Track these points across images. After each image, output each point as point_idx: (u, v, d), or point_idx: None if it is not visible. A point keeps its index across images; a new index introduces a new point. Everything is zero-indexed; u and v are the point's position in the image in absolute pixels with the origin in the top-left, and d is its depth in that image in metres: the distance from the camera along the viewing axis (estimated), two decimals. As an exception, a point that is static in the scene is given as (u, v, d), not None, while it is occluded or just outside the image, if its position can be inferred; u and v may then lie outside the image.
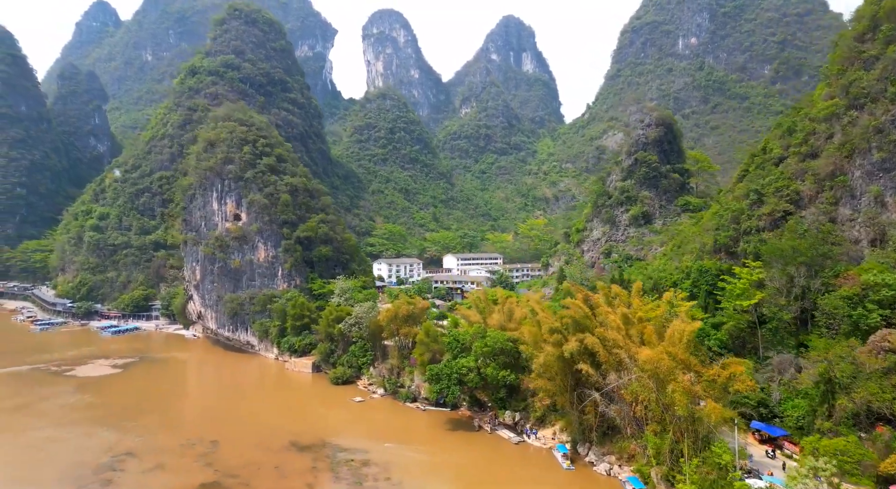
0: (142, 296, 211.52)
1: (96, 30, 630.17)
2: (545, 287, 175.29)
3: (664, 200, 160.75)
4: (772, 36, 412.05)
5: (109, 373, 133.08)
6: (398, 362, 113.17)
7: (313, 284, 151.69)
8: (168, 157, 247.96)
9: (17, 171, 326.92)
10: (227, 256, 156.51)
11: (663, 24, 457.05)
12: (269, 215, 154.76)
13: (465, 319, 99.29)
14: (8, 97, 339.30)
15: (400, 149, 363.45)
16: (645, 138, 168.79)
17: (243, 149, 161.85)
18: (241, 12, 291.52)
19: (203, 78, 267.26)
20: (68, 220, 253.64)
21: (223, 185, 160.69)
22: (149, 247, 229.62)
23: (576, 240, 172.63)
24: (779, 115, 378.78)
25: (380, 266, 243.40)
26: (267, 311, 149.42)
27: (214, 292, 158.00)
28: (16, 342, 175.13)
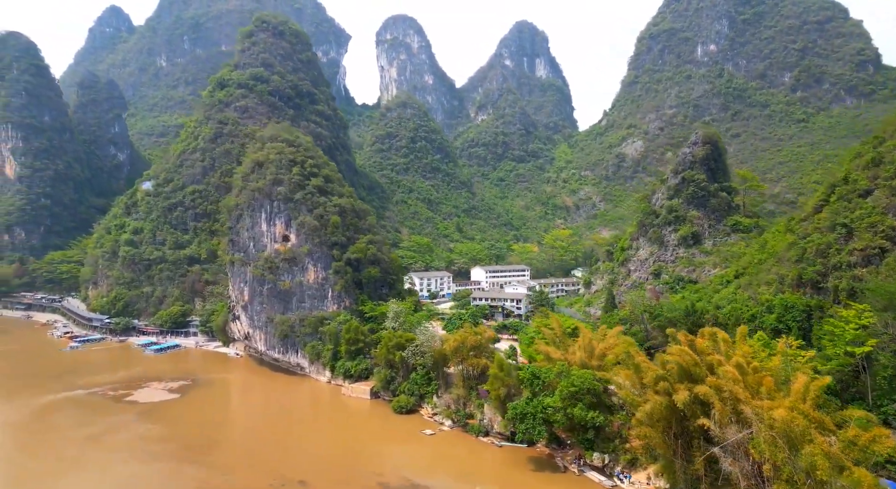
0: (179, 312, 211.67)
1: (109, 35, 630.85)
2: (589, 306, 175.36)
3: (713, 220, 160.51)
4: (792, 43, 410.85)
5: (168, 399, 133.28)
6: (464, 392, 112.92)
7: (364, 307, 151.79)
8: (200, 170, 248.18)
9: (42, 181, 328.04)
10: (276, 278, 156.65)
11: (681, 31, 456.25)
12: (319, 237, 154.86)
13: (544, 355, 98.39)
14: (32, 107, 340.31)
15: (421, 158, 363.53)
16: (692, 156, 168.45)
17: (292, 170, 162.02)
18: (268, 24, 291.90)
19: (232, 91, 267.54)
20: (100, 233, 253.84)
21: (272, 206, 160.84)
22: (183, 261, 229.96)
23: (620, 258, 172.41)
24: (801, 124, 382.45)
25: (410, 279, 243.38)
26: (318, 334, 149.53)
27: (264, 314, 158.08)
28: (61, 362, 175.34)
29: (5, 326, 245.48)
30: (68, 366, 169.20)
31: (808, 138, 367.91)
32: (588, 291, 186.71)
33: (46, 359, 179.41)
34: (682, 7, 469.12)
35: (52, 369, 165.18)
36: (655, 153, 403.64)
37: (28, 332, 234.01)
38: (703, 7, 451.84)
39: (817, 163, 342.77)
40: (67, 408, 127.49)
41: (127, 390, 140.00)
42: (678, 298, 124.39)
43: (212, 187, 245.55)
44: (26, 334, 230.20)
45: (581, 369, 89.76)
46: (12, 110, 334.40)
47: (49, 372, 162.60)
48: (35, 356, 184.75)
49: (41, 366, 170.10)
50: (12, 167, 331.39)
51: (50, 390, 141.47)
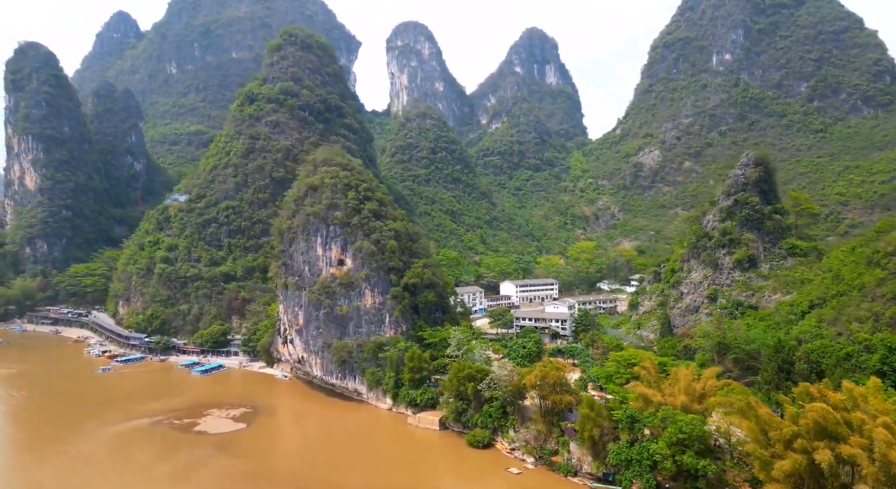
0: (220, 331, 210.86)
1: (117, 41, 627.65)
2: (640, 329, 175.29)
3: (767, 243, 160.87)
4: (808, 53, 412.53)
5: (236, 429, 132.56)
6: (544, 428, 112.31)
7: (423, 332, 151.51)
8: (233, 186, 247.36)
9: (63, 193, 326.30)
10: (333, 303, 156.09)
11: (696, 40, 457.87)
12: (376, 262, 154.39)
13: (640, 397, 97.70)
14: (52, 119, 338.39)
15: (442, 168, 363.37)
16: (744, 178, 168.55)
17: (347, 194, 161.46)
18: (296, 37, 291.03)
19: (262, 105, 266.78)
20: (132, 249, 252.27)
21: (328, 230, 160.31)
22: (219, 279, 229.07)
23: (671, 280, 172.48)
24: (819, 134, 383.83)
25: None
26: (377, 360, 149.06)
27: (320, 339, 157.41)
28: (111, 384, 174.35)
29: (37, 343, 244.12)
30: (120, 389, 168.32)
31: (826, 148, 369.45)
32: (636, 312, 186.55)
33: (95, 381, 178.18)
34: (697, 16, 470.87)
35: (105, 393, 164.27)
36: (673, 163, 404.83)
37: (62, 350, 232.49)
38: (717, 16, 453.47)
39: (838, 174, 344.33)
40: (139, 439, 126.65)
41: (191, 419, 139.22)
42: (757, 330, 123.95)
43: (245, 203, 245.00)
44: (61, 352, 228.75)
45: (684, 413, 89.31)
46: (32, 121, 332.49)
47: (102, 396, 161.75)
48: (80, 378, 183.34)
49: (92, 390, 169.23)
50: (33, 178, 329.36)
51: (112, 418, 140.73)
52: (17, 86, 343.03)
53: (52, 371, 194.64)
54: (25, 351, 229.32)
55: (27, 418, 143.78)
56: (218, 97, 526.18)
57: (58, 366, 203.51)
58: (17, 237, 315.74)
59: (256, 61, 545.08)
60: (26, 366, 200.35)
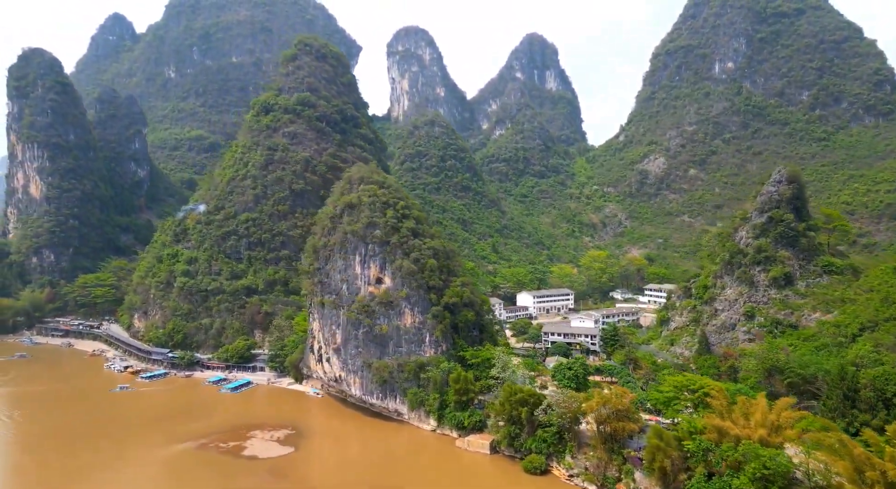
0: (245, 346, 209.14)
1: (113, 44, 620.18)
2: (673, 345, 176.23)
3: (802, 260, 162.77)
4: (809, 62, 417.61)
5: (285, 453, 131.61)
6: (605, 455, 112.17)
7: (465, 352, 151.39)
8: (252, 198, 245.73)
9: (70, 202, 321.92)
10: (373, 322, 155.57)
11: (698, 48, 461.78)
12: (416, 281, 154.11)
13: (716, 429, 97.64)
14: (58, 126, 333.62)
15: (452, 177, 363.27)
16: (778, 195, 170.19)
17: (386, 213, 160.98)
18: (311, 47, 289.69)
19: (279, 116, 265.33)
20: (150, 261, 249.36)
21: (366, 249, 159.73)
22: (241, 292, 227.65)
23: (704, 296, 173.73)
24: (821, 142, 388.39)
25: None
26: (418, 380, 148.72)
27: (359, 358, 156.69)
28: (143, 404, 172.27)
29: (52, 357, 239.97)
30: (153, 408, 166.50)
31: (830, 157, 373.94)
32: (666, 328, 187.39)
33: (125, 400, 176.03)
34: (699, 24, 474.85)
35: (140, 412, 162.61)
36: (678, 170, 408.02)
37: (79, 365, 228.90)
38: (719, 25, 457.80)
39: (843, 183, 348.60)
40: (191, 466, 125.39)
41: (236, 441, 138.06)
42: (804, 351, 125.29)
43: (265, 215, 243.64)
44: (79, 367, 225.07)
45: (763, 447, 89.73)
46: (38, 129, 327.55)
47: (137, 416, 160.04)
48: (108, 396, 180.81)
49: (125, 409, 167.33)
50: (38, 187, 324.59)
51: (154, 441, 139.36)
52: (22, 92, 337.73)
53: (76, 388, 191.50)
54: (43, 365, 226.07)
55: (66, 442, 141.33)
56: (218, 101, 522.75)
57: (80, 382, 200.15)
58: (22, 247, 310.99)
59: (257, 66, 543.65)
60: (50, 382, 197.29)
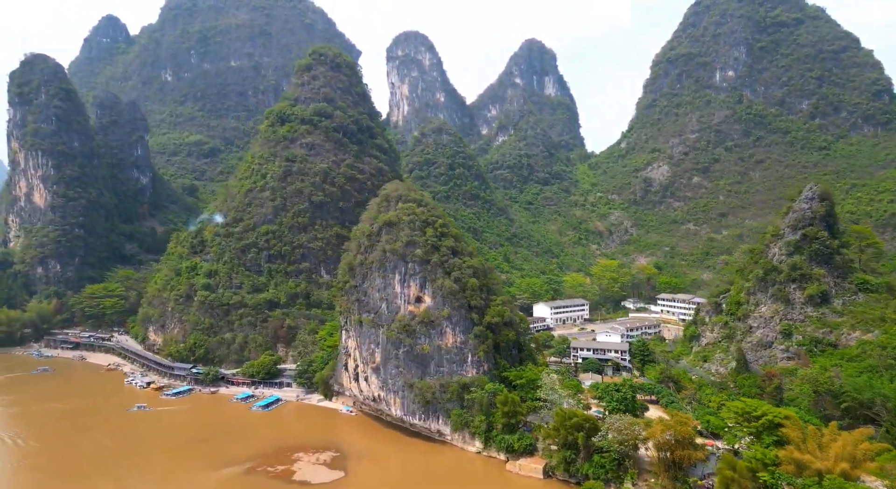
0: (271, 361, 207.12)
1: (106, 46, 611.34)
2: (706, 362, 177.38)
3: (837, 278, 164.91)
4: (809, 71, 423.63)
5: (337, 478, 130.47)
6: (669, 483, 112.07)
7: (508, 373, 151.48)
8: (271, 210, 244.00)
9: (75, 211, 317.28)
10: (413, 341, 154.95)
11: (699, 57, 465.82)
12: (457, 300, 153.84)
13: (794, 462, 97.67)
14: (62, 134, 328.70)
15: (461, 185, 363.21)
16: (811, 213, 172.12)
17: (426, 231, 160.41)
18: (325, 57, 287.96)
19: (296, 126, 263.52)
20: (167, 274, 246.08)
21: (406, 268, 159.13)
22: (263, 306, 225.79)
23: (738, 313, 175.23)
24: (822, 151, 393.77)
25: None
26: (460, 400, 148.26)
27: (400, 378, 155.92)
28: (176, 423, 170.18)
29: (67, 371, 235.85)
30: (187, 428, 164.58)
31: (831, 166, 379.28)
32: (697, 343, 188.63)
33: (158, 419, 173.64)
34: (699, 33, 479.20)
35: (176, 433, 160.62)
36: (682, 178, 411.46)
37: (98, 380, 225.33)
38: (720, 34, 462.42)
39: (846, 192, 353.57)
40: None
41: (283, 465, 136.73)
42: (850, 371, 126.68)
43: (285, 228, 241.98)
44: (98, 382, 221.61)
45: (844, 480, 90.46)
46: (42, 137, 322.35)
47: (175, 436, 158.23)
48: (138, 415, 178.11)
49: (158, 429, 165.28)
50: (42, 196, 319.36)
51: (196, 465, 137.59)
52: (25, 99, 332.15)
53: (99, 406, 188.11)
54: (59, 381, 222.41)
55: (107, 467, 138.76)
56: (217, 106, 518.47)
57: (102, 399, 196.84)
58: (27, 257, 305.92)
59: (256, 70, 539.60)
60: (71, 399, 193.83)
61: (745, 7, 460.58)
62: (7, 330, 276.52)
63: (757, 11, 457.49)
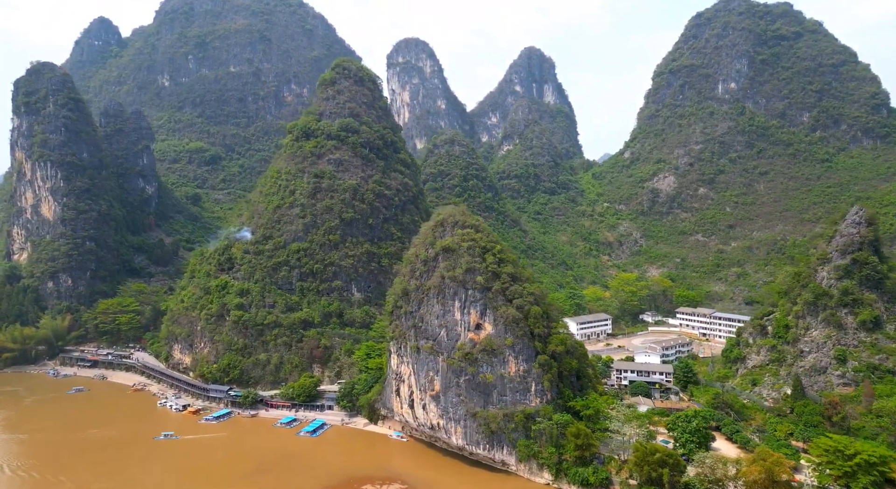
0: (311, 383, 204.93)
1: (98, 49, 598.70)
2: (756, 386, 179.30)
3: (888, 302, 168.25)
4: (809, 84, 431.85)
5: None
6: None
7: (575, 403, 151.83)
8: (301, 227, 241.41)
9: (86, 223, 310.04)
10: (476, 370, 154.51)
11: (701, 68, 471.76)
12: (520, 328, 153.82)
13: None
14: (72, 144, 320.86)
15: (475, 197, 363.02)
16: (859, 237, 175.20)
17: (486, 258, 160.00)
18: (349, 70, 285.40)
19: (323, 142, 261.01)
20: (195, 292, 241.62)
21: (466, 295, 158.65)
22: (298, 325, 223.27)
23: (787, 337, 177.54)
24: (825, 163, 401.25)
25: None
26: (525, 430, 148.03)
27: (461, 406, 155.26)
28: (233, 451, 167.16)
29: (94, 393, 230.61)
30: (245, 459, 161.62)
31: (835, 178, 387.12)
32: (742, 366, 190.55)
33: (209, 447, 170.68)
34: (701, 45, 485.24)
35: (235, 464, 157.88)
36: (689, 189, 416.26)
37: (127, 401, 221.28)
38: (721, 46, 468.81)
39: (852, 204, 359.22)
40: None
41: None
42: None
43: (316, 245, 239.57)
44: (128, 404, 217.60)
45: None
46: (51, 148, 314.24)
47: (235, 469, 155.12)
48: (188, 444, 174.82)
49: (215, 459, 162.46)
50: (51, 208, 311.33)
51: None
52: (32, 108, 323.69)
53: (143, 432, 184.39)
54: (86, 403, 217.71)
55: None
56: (217, 112, 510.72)
57: (142, 424, 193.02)
58: (37, 271, 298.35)
59: (256, 76, 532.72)
60: (110, 425, 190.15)
61: (745, 20, 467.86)
62: (21, 348, 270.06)
63: (758, 24, 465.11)
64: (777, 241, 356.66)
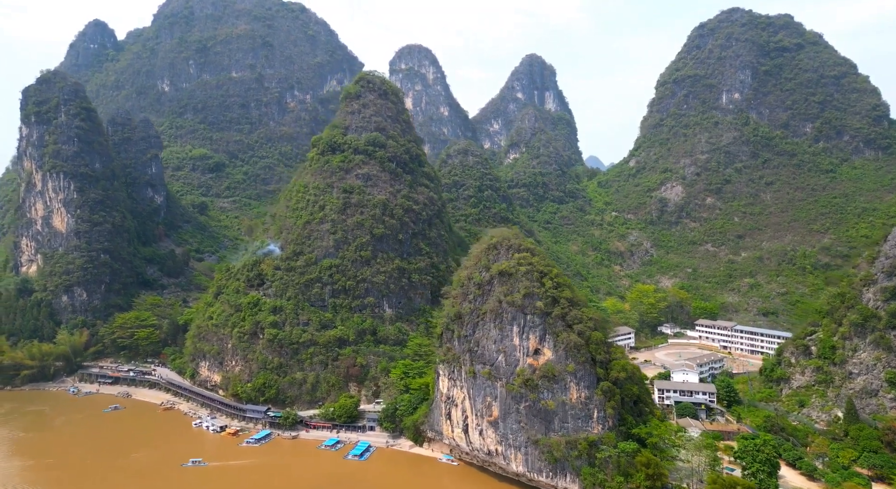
0: (352, 404, 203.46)
1: (94, 52, 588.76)
2: (804, 407, 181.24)
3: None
4: (812, 95, 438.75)
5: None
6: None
7: (639, 430, 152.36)
8: (332, 243, 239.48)
9: (101, 236, 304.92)
10: (537, 396, 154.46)
11: (705, 78, 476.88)
12: (582, 354, 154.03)
13: None
14: (85, 155, 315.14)
15: (490, 207, 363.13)
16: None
17: (545, 283, 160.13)
18: (373, 84, 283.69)
19: (350, 156, 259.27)
20: (225, 309, 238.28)
21: (525, 320, 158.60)
22: (333, 343, 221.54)
23: (834, 358, 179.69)
24: (829, 174, 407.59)
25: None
26: (589, 458, 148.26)
27: (522, 433, 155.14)
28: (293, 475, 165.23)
29: (129, 412, 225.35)
30: (296, 484, 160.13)
31: (839, 189, 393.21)
32: (787, 386, 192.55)
33: (263, 473, 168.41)
34: (704, 55, 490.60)
35: None
36: (696, 199, 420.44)
37: (157, 421, 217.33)
38: (725, 57, 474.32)
39: (858, 215, 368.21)
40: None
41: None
42: None
43: (348, 261, 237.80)
44: (160, 424, 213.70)
45: None
46: (64, 159, 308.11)
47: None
48: (242, 470, 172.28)
49: (276, 486, 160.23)
50: (64, 220, 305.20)
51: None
52: (43, 118, 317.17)
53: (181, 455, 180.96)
54: (117, 423, 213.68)
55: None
56: (219, 118, 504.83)
57: (181, 446, 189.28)
58: (50, 284, 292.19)
59: (259, 82, 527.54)
60: (148, 448, 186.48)
61: (748, 31, 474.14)
62: (40, 365, 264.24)
63: (760, 36, 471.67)
64: (787, 251, 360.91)
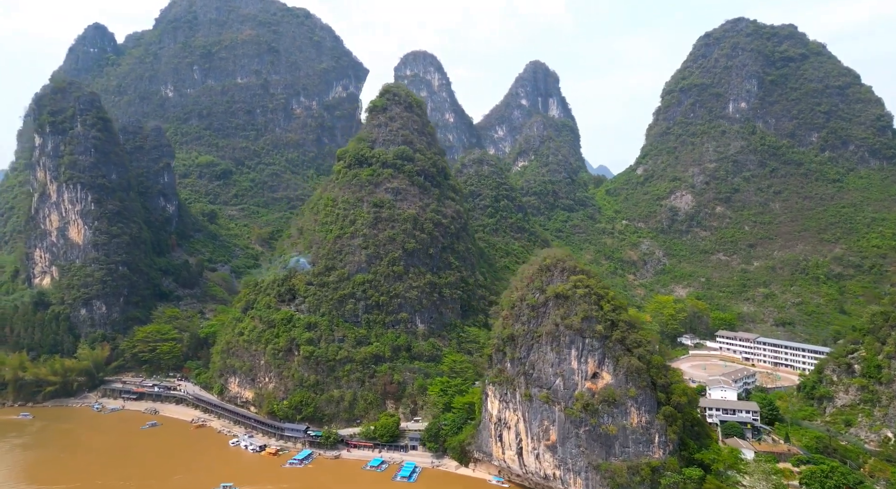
0: (393, 422, 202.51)
1: (94, 56, 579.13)
2: (851, 427, 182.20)
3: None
4: (817, 105, 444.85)
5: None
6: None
7: (703, 455, 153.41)
8: (365, 258, 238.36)
9: (119, 248, 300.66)
10: (597, 421, 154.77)
11: (711, 87, 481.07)
12: (642, 378, 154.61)
13: None
14: (101, 166, 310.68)
15: (507, 217, 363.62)
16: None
17: (603, 306, 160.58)
18: (398, 96, 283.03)
19: (378, 170, 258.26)
20: (258, 325, 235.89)
21: (584, 343, 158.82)
22: (369, 360, 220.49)
23: (879, 377, 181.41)
24: (836, 183, 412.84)
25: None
26: (651, 483, 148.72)
27: (582, 458, 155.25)
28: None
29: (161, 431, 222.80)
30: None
31: (847, 198, 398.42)
32: (831, 405, 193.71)
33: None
34: (710, 64, 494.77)
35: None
36: (707, 207, 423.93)
37: (192, 440, 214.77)
38: (731, 66, 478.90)
39: (868, 225, 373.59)
40: None
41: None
42: None
43: (380, 277, 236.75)
44: (195, 444, 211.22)
45: None
46: (81, 169, 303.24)
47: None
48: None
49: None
50: (80, 231, 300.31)
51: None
52: (58, 128, 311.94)
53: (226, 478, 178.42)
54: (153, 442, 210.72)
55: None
56: (224, 125, 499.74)
57: (224, 468, 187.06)
58: (68, 297, 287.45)
59: (264, 88, 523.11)
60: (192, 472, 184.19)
61: (754, 41, 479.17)
62: (62, 380, 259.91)
63: (765, 46, 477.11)
64: (799, 261, 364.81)
